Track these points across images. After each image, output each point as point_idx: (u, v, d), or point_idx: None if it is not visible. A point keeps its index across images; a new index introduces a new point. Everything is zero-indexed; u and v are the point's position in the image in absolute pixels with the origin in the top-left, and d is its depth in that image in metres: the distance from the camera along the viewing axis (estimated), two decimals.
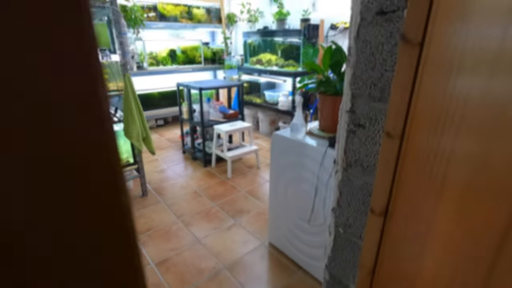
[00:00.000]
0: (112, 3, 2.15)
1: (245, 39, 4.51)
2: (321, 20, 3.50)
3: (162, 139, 4.48)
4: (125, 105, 2.35)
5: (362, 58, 0.92)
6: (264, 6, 4.55)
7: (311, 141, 1.65)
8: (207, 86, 3.22)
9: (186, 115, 3.55)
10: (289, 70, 3.86)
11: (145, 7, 4.46)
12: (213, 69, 5.46)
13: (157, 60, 4.83)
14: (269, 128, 4.65)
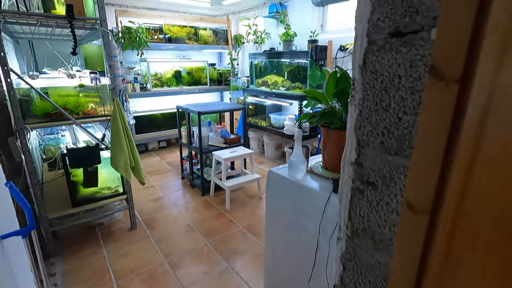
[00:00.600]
0: (102, 24, 2.02)
1: (251, 61, 4.38)
2: (329, 41, 3.32)
3: (163, 162, 4.30)
4: (113, 132, 2.17)
5: (371, 95, 0.68)
6: (270, 28, 4.44)
7: (312, 183, 1.39)
8: (207, 110, 3.03)
9: (185, 139, 3.35)
10: (295, 92, 3.66)
11: (151, 28, 4.43)
12: (219, 90, 5.34)
13: (161, 81, 4.74)
14: (275, 153, 4.40)
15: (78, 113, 2.27)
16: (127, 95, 4.18)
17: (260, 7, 4.53)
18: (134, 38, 4.00)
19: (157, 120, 4.78)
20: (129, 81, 4.32)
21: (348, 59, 3.43)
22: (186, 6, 4.64)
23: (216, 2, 4.39)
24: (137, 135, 4.55)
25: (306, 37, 3.82)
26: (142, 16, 4.29)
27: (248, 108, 4.56)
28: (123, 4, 4.53)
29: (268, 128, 4.16)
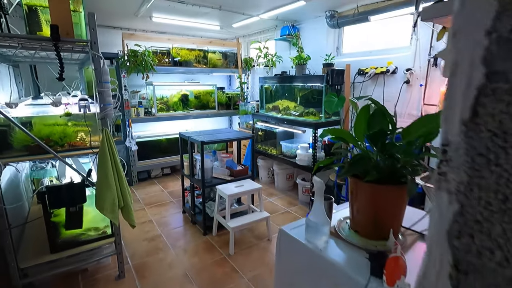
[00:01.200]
0: (92, 47, 1.79)
1: (261, 84, 4.13)
2: (347, 65, 3.03)
3: (165, 192, 3.98)
4: (100, 167, 1.88)
5: (489, 178, 0.34)
6: (282, 51, 4.23)
7: (339, 255, 1.02)
8: (211, 139, 2.74)
9: (187, 170, 3.05)
10: (309, 119, 3.34)
11: (158, 52, 4.29)
12: (227, 115, 5.09)
13: (167, 105, 4.54)
14: (286, 183, 4.02)
15: (64, 145, 2.00)
16: (130, 120, 3.97)
17: (271, 30, 4.35)
18: (139, 62, 3.84)
19: (161, 146, 4.53)
20: (133, 105, 4.13)
21: (368, 84, 3.12)
22: (196, 29, 4.51)
23: (226, 26, 4.24)
24: (140, 161, 4.29)
25: (320, 60, 3.56)
26: (149, 39, 4.16)
27: (258, 134, 4.27)
28: (131, 28, 4.45)
29: (279, 157, 3.82)
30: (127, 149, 4.06)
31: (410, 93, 2.74)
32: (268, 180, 4.32)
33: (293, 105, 3.71)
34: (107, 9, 3.39)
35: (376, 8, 2.85)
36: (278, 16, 3.56)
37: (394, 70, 2.82)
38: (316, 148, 3.24)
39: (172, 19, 3.82)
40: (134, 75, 3.96)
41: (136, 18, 3.80)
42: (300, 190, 3.56)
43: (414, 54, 2.69)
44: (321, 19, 3.56)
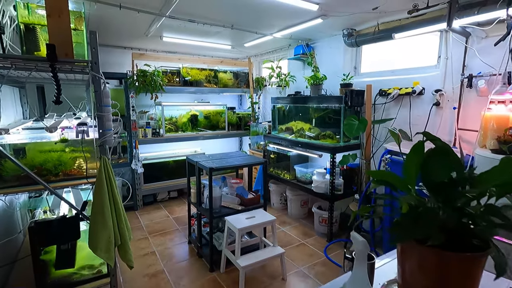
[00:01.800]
0: (93, 68, 1.63)
1: (273, 105, 3.95)
2: (368, 85, 2.81)
3: (170, 218, 3.74)
4: (95, 201, 1.67)
5: None
6: (295, 70, 4.06)
7: None
8: (221, 165, 2.51)
9: (194, 197, 2.81)
10: (326, 143, 3.09)
11: (168, 71, 4.19)
12: (237, 135, 4.90)
13: (176, 126, 4.38)
14: (300, 211, 3.73)
15: (58, 174, 1.81)
16: (136, 141, 3.81)
17: (284, 49, 4.21)
18: (148, 81, 3.73)
19: (168, 168, 4.34)
20: (141, 126, 3.98)
21: (391, 106, 2.88)
22: (206, 49, 4.43)
23: (237, 45, 4.13)
24: (146, 184, 4.09)
25: (336, 80, 3.36)
26: (159, 59, 4.08)
27: (269, 157, 4.03)
28: (142, 48, 4.39)
29: (293, 182, 3.56)
30: (132, 171, 3.88)
31: (440, 117, 2.47)
32: (280, 206, 4.03)
33: (308, 126, 3.48)
34: (117, 29, 3.32)
35: (399, 26, 2.65)
36: (292, 35, 3.41)
37: (421, 91, 2.58)
38: (335, 174, 2.97)
39: (183, 39, 3.73)
40: (142, 95, 3.84)
41: (147, 38, 3.73)
42: (317, 219, 3.26)
43: (444, 74, 2.45)
44: (338, 37, 3.39)
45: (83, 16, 1.77)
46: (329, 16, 2.66)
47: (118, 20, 2.95)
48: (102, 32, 3.36)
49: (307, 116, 3.52)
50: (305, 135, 3.45)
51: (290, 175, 3.65)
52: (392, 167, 2.21)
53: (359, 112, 3.13)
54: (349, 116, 2.76)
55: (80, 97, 3.42)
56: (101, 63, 1.68)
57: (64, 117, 2.58)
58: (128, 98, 3.72)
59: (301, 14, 2.66)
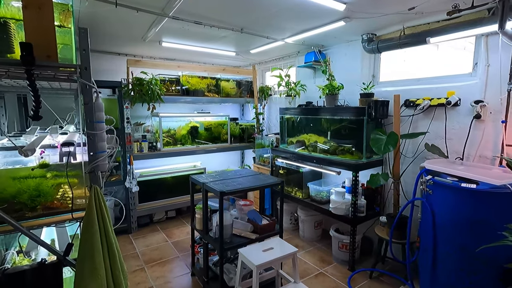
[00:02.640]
0: (83, 75, 1.28)
1: (281, 116, 3.63)
2: (396, 95, 2.52)
3: (169, 243, 3.33)
4: (83, 243, 1.29)
5: None
6: (305, 79, 3.77)
7: None
8: (234, 189, 2.16)
9: (199, 224, 2.44)
10: (346, 159, 2.78)
11: (166, 80, 3.85)
12: (241, 148, 4.55)
13: (175, 138, 4.02)
14: (314, 232, 3.38)
15: (36, 208, 1.43)
16: (131, 157, 3.42)
17: (293, 56, 3.93)
18: (145, 91, 3.37)
19: (166, 185, 3.95)
20: (136, 140, 3.61)
21: (419, 118, 2.59)
22: (208, 55, 4.11)
23: (242, 51, 3.83)
24: (141, 204, 3.68)
25: (352, 89, 3.08)
26: (157, 66, 3.74)
27: (278, 172, 3.69)
28: (138, 54, 4.05)
29: (305, 201, 3.21)
30: (126, 190, 3.48)
31: (481, 131, 2.19)
32: (290, 227, 3.68)
33: (322, 140, 3.17)
34: (112, 32, 2.98)
35: (429, 30, 2.39)
36: (305, 40, 3.13)
37: (457, 102, 2.30)
38: (357, 195, 2.65)
39: (184, 44, 3.40)
40: (138, 106, 3.48)
41: (144, 44, 3.39)
42: (335, 244, 2.91)
43: (485, 83, 2.18)
44: (355, 43, 3.12)
45: (71, 11, 1.42)
46: (353, 18, 2.38)
47: (113, 21, 2.61)
48: (94, 35, 3.02)
49: (321, 128, 3.21)
50: (319, 149, 3.13)
51: (302, 193, 3.31)
52: (436, 190, 1.90)
53: (382, 125, 2.84)
54: (376, 130, 2.46)
55: (68, 108, 3.04)
56: (92, 70, 1.33)
57: (47, 132, 2.20)
58: (122, 109, 3.35)
59: (322, 16, 2.37)
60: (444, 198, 1.87)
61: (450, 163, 2.18)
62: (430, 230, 1.97)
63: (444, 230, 1.89)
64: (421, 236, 2.15)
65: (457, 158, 2.29)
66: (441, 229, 1.91)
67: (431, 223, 1.96)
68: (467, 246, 1.76)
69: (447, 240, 1.87)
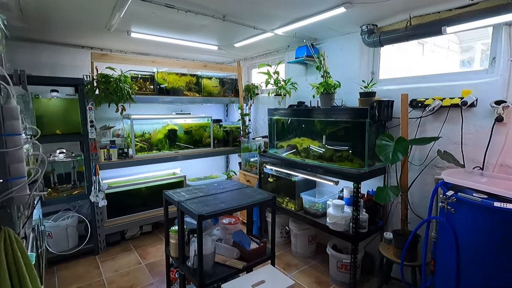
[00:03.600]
0: None
1: (270, 117, 3.25)
2: (404, 94, 2.19)
3: (142, 265, 2.88)
4: None
5: None
6: (296, 76, 3.41)
7: None
8: (217, 210, 1.75)
9: (174, 251, 2.02)
10: (346, 167, 2.43)
11: (139, 77, 3.38)
12: (225, 153, 4.14)
13: (150, 143, 3.55)
14: (307, 248, 3.02)
15: None
16: (97, 166, 2.94)
17: (281, 51, 3.56)
18: (113, 89, 2.90)
19: (140, 196, 3.48)
20: (103, 146, 3.12)
21: (428, 120, 2.28)
22: (188, 49, 3.68)
23: (225, 45, 3.42)
24: (110, 219, 3.21)
25: (349, 88, 2.75)
26: (128, 61, 3.26)
27: (267, 180, 3.31)
28: (105, 48, 3.55)
29: (298, 214, 2.85)
30: (92, 205, 2.99)
31: (504, 136, 1.89)
32: (281, 241, 3.31)
33: (316, 145, 2.81)
34: (69, 21, 2.50)
35: (439, 20, 2.08)
36: (297, 32, 2.76)
37: (473, 102, 2.00)
38: (359, 208, 2.31)
39: (157, 36, 2.95)
40: (106, 107, 3.00)
41: (110, 35, 2.91)
42: (333, 264, 2.57)
43: (507, 81, 1.88)
44: (352, 36, 2.79)
45: None
46: (354, 3, 2.03)
47: (65, 5, 2.13)
48: (46, 23, 2.53)
49: (315, 131, 2.85)
50: (313, 155, 2.77)
51: (295, 205, 2.94)
52: (460, 209, 1.58)
53: (384, 127, 2.51)
54: (382, 135, 2.12)
55: None
56: (50, 65, 0.90)
57: None
58: (84, 111, 2.86)
59: (320, 0, 2.00)
60: (471, 219, 1.55)
61: (469, 174, 1.87)
62: (451, 254, 1.65)
63: (470, 256, 1.57)
64: (438, 260, 1.83)
65: (476, 167, 1.99)
66: (467, 255, 1.59)
67: (452, 247, 1.64)
68: (504, 279, 1.44)
69: (475, 269, 1.55)
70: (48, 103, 2.76)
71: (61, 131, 2.79)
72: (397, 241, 2.18)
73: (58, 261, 2.86)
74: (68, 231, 2.93)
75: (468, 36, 2.74)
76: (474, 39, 2.68)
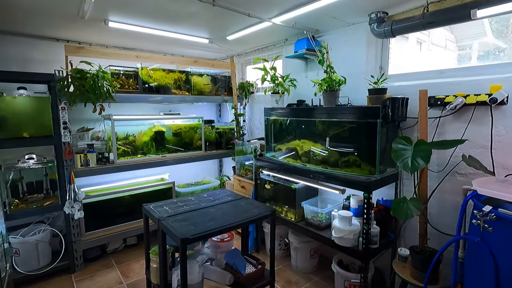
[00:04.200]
0: None
1: (267, 117, 2.95)
2: (422, 91, 1.91)
3: (124, 285, 2.55)
4: None
5: None
6: (295, 73, 3.11)
7: None
8: (204, 231, 1.44)
9: (155, 277, 1.70)
10: (354, 174, 2.14)
11: (121, 73, 3.04)
12: (218, 156, 3.83)
13: (134, 147, 3.22)
14: (309, 263, 2.72)
15: None
16: (72, 174, 2.60)
17: (279, 45, 3.26)
18: (89, 87, 2.56)
19: (124, 205, 3.14)
20: (80, 151, 2.78)
21: (448, 120, 2.00)
22: (176, 43, 3.35)
23: (217, 39, 3.11)
24: (89, 232, 2.87)
25: (355, 84, 2.47)
26: (108, 56, 2.93)
27: (264, 187, 3.00)
28: (84, 41, 3.21)
29: (299, 225, 2.55)
30: (66, 217, 2.65)
31: None
32: (280, 253, 3.00)
33: (319, 148, 2.52)
34: (37, 9, 2.16)
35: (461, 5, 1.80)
36: (297, 21, 2.46)
37: (504, 99, 1.72)
38: (370, 221, 2.01)
39: (139, 26, 2.62)
40: (82, 106, 2.66)
41: (86, 25, 2.58)
42: (339, 282, 2.27)
43: None
44: (358, 27, 2.50)
45: None
46: None
47: None
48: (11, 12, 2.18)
49: (317, 133, 2.55)
50: (316, 160, 2.48)
51: (295, 215, 2.64)
52: (501, 228, 1.30)
53: (397, 128, 2.23)
54: (399, 137, 1.83)
55: None
56: (20, 60, 0.63)
57: None
58: (56, 110, 2.52)
59: None
60: None
61: (503, 183, 1.59)
62: (487, 280, 1.37)
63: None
64: (468, 285, 1.55)
65: (508, 175, 1.71)
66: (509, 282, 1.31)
67: (489, 272, 1.36)
68: None
69: None
70: (13, 102, 2.41)
71: (29, 134, 2.44)
72: (415, 259, 1.89)
73: (26, 281, 2.51)
74: (38, 247, 2.58)
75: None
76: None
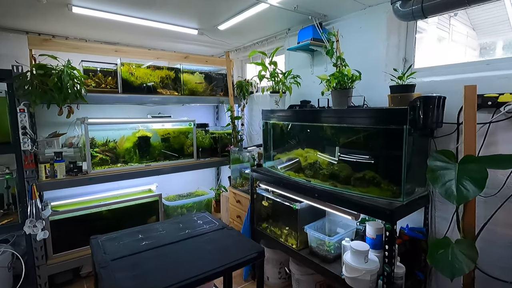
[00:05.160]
0: None
1: (265, 121, 2.49)
2: (468, 86, 1.41)
3: None
4: None
5: None
6: (298, 67, 2.64)
7: None
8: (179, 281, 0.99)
9: None
10: (371, 196, 1.65)
11: (98, 70, 2.65)
12: (212, 165, 3.38)
13: (115, 154, 2.81)
14: None
15: None
16: (34, 187, 2.20)
17: (281, 36, 2.80)
18: (53, 85, 2.17)
19: (102, 221, 2.73)
20: (46, 161, 2.39)
21: (498, 127, 1.48)
22: (164, 37, 2.94)
23: (207, 29, 2.67)
24: (57, 254, 2.47)
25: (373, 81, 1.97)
26: (81, 50, 2.54)
27: (261, 205, 2.53)
28: (58, 34, 2.83)
29: (301, 255, 2.07)
30: (28, 238, 2.26)
31: None
32: (279, 283, 2.53)
33: (326, 160, 2.03)
34: None
35: None
36: (300, 3, 2.00)
37: None
38: (394, 260, 1.52)
39: (110, 13, 2.21)
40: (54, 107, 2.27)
41: (49, 12, 2.19)
42: None
43: None
44: (375, 9, 2.02)
45: None
46: None
47: None
48: None
49: (324, 141, 2.07)
50: (323, 175, 2.00)
51: (297, 241, 2.16)
52: None
53: (431, 138, 1.72)
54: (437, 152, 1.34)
55: None
56: None
57: None
58: (14, 113, 2.13)
59: None
60: None
61: None
62: None
63: None
64: None
65: None
66: None
67: None
68: None
69: None
70: None
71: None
72: None
73: None
74: None
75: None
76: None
